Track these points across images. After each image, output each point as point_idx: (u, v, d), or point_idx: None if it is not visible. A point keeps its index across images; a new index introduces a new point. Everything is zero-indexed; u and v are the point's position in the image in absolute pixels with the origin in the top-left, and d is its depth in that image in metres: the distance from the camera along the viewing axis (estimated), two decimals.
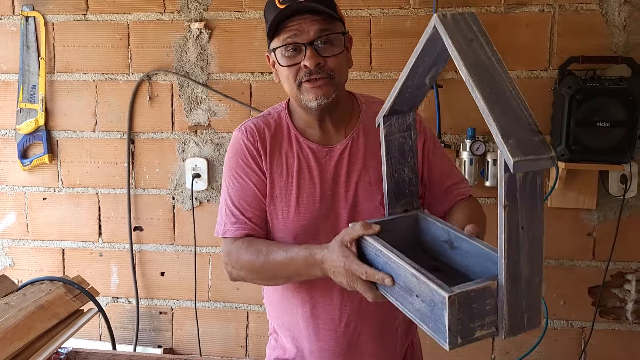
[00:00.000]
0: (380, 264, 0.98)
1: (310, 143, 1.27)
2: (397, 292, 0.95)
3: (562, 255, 2.09)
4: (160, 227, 2.30)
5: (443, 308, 0.81)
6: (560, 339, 2.12)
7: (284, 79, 1.22)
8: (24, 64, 2.30)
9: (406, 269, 0.90)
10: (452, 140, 2.09)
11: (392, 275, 0.95)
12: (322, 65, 1.17)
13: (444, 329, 0.82)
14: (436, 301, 0.83)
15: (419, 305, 0.88)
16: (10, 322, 1.40)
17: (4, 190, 2.39)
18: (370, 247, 1.01)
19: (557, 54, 2.02)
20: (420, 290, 0.87)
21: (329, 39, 1.18)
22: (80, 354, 1.49)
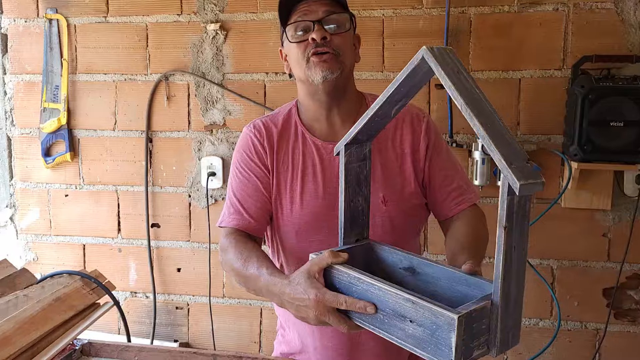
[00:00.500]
0: (357, 292, 0.95)
1: (315, 139, 1.31)
2: (379, 319, 0.93)
3: (576, 256, 2.08)
4: (176, 224, 2.35)
5: (450, 330, 0.81)
6: (574, 340, 2.11)
7: (294, 61, 1.28)
8: (47, 65, 2.37)
9: (397, 295, 0.89)
10: (465, 140, 2.09)
11: (374, 302, 0.92)
12: (328, 40, 1.23)
13: (449, 351, 0.82)
14: (440, 323, 0.83)
15: (413, 330, 0.87)
16: (28, 313, 1.46)
17: (28, 187, 2.47)
18: (342, 276, 0.98)
19: (571, 53, 2.00)
20: (416, 314, 0.86)
21: (336, 19, 1.25)
22: (95, 345, 1.54)
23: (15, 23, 2.40)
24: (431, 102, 2.11)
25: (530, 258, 2.06)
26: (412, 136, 1.32)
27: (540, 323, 2.12)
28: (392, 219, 1.28)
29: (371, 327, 0.95)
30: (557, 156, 2.03)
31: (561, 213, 2.05)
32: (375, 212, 1.26)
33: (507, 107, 2.06)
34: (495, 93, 2.06)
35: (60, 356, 1.44)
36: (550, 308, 2.11)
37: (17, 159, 2.47)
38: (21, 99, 2.43)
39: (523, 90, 2.05)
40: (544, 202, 2.04)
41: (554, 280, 2.10)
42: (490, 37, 2.05)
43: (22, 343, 1.37)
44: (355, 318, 0.97)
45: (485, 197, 2.10)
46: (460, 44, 2.07)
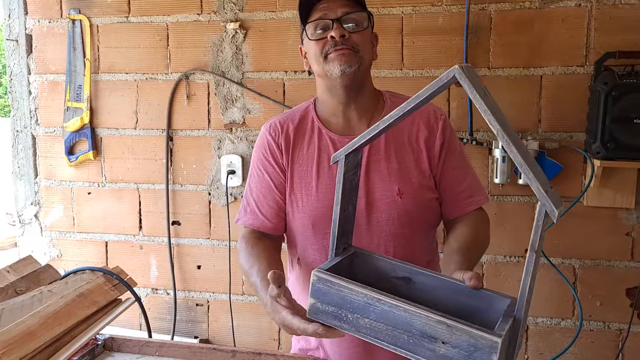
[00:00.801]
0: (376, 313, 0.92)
1: (331, 133, 1.33)
2: (403, 340, 0.91)
3: (598, 256, 2.05)
4: (197, 221, 2.38)
5: (492, 352, 0.82)
6: (596, 340, 2.08)
7: (313, 58, 1.30)
8: (70, 65, 2.41)
9: (428, 317, 0.87)
10: (485, 138, 2.08)
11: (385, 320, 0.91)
12: (346, 38, 1.25)
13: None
14: (480, 346, 0.83)
15: (445, 351, 0.87)
16: (52, 309, 1.48)
17: (52, 185, 2.52)
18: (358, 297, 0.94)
19: (594, 49, 1.97)
20: (451, 337, 0.86)
21: (354, 18, 1.28)
22: (116, 340, 1.56)
23: (39, 24, 2.44)
24: (450, 99, 2.10)
25: (551, 257, 2.04)
26: (428, 132, 1.33)
27: (562, 323, 2.10)
28: (407, 212, 1.29)
29: (392, 346, 0.93)
30: (579, 154, 2.00)
31: (583, 212, 2.02)
32: (392, 205, 1.27)
33: (528, 104, 2.04)
34: (516, 90, 2.04)
35: (83, 351, 1.46)
36: (572, 308, 2.08)
37: (42, 158, 2.52)
38: (45, 98, 2.48)
39: (544, 87, 2.03)
40: (566, 200, 2.02)
41: (576, 279, 2.07)
42: (511, 34, 2.03)
43: (46, 338, 1.40)
44: (370, 338, 0.95)
45: (505, 195, 2.08)
46: (480, 41, 2.05)
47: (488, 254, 2.11)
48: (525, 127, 2.04)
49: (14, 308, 1.46)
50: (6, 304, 1.47)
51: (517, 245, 2.09)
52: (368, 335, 0.95)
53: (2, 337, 1.31)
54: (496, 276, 2.12)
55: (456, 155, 1.36)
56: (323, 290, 0.97)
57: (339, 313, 0.97)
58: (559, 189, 2.04)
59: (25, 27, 2.46)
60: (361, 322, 0.95)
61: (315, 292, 0.99)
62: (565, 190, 2.03)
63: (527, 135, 2.02)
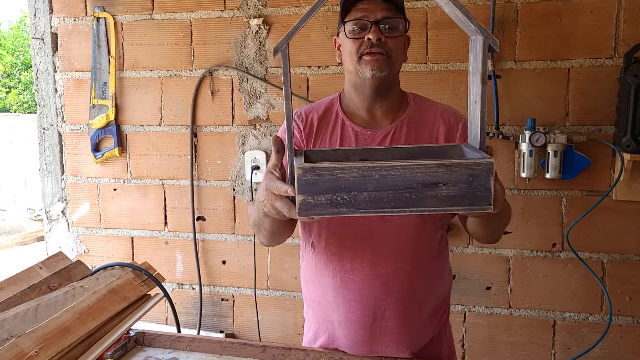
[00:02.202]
0: (373, 182, 0.94)
1: (354, 126, 1.37)
2: (405, 199, 0.95)
3: (627, 250, 2.02)
4: (221, 217, 2.39)
5: (489, 174, 0.93)
6: (625, 335, 2.05)
7: (347, 54, 1.33)
8: (95, 62, 2.44)
9: (427, 165, 0.93)
10: (511, 132, 2.06)
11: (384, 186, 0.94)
12: (382, 42, 1.28)
13: (487, 193, 0.94)
14: (478, 172, 0.93)
15: (447, 192, 0.94)
16: (85, 304, 1.51)
17: (79, 181, 2.55)
18: (351, 174, 0.95)
19: (623, 41, 1.94)
20: (451, 176, 0.94)
21: (392, 23, 1.30)
22: (148, 335, 1.58)
23: (64, 22, 2.47)
24: None
25: (579, 252, 2.02)
26: (448, 131, 1.37)
27: (590, 318, 2.08)
28: None
29: (395, 210, 0.96)
30: (608, 147, 1.97)
31: (613, 206, 1.99)
32: None
33: (555, 97, 2.01)
34: (543, 83, 2.02)
35: (116, 346, 1.49)
36: (601, 303, 2.06)
37: (68, 154, 2.55)
38: (71, 95, 2.51)
39: (572, 79, 2.00)
40: (595, 194, 2.00)
41: (605, 274, 2.05)
42: (538, 26, 2.00)
43: (81, 333, 1.42)
44: (373, 210, 0.96)
45: (532, 189, 2.07)
46: (507, 34, 2.03)
47: (514, 248, 2.10)
48: (552, 121, 2.02)
49: (49, 304, 1.49)
50: (41, 299, 1.50)
51: (544, 239, 2.07)
52: (369, 209, 0.96)
53: (39, 332, 1.34)
54: (522, 271, 2.11)
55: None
56: (312, 181, 0.95)
57: (334, 198, 0.96)
58: (587, 182, 2.01)
59: (51, 26, 2.49)
60: (360, 197, 0.95)
61: (303, 186, 0.96)
62: (593, 184, 2.01)
63: (554, 128, 2.00)
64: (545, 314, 2.11)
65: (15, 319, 1.39)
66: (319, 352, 1.45)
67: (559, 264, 2.08)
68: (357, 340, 1.39)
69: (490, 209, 0.95)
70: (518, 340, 2.14)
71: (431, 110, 1.39)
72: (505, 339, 2.15)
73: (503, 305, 2.14)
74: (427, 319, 1.42)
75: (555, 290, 2.09)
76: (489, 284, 2.15)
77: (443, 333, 1.48)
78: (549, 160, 1.98)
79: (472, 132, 1.05)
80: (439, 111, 1.39)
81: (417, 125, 1.36)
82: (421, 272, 1.36)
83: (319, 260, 1.40)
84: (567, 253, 2.05)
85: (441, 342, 1.47)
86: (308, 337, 1.53)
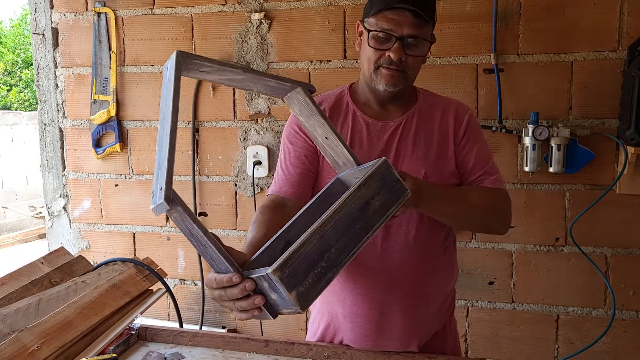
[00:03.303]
0: (331, 236, 0.95)
1: (365, 117, 1.38)
2: (352, 236, 0.97)
3: (631, 244, 2.01)
4: (223, 212, 2.39)
5: (390, 168, 1.05)
6: (629, 330, 2.05)
7: (365, 58, 1.33)
8: (96, 58, 2.43)
9: (351, 195, 0.98)
10: (514, 126, 2.05)
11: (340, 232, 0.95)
12: (402, 60, 1.28)
13: (399, 183, 1.05)
14: (383, 171, 1.03)
15: (378, 202, 1.01)
16: (87, 299, 1.50)
17: (80, 177, 2.55)
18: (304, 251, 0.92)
19: (627, 33, 1.93)
20: (370, 189, 1.01)
21: (417, 42, 1.28)
22: (150, 330, 1.57)
23: (65, 17, 2.46)
24: (479, 87, 2.07)
25: (583, 246, 2.01)
26: (455, 123, 1.38)
27: (594, 312, 2.07)
28: None
29: (360, 244, 0.98)
30: (611, 141, 1.96)
31: (616, 199, 1.99)
32: None
33: (559, 91, 2.00)
34: (546, 76, 2.00)
35: (118, 341, 1.48)
36: (604, 297, 2.05)
37: (69, 150, 2.54)
38: (72, 91, 2.50)
39: (575, 73, 1.99)
40: (599, 188, 1.99)
41: (608, 268, 2.04)
42: (540, 19, 1.99)
43: (83, 328, 1.42)
44: (346, 255, 0.96)
45: (535, 183, 2.06)
46: (509, 27, 2.01)
47: (517, 243, 2.09)
48: (556, 114, 2.00)
49: (51, 299, 1.48)
50: (43, 294, 1.49)
51: (547, 234, 2.07)
52: (345, 257, 0.96)
53: (41, 327, 1.33)
54: (526, 265, 2.10)
55: (479, 145, 1.40)
56: (291, 273, 0.90)
57: (317, 272, 0.93)
58: (590, 176, 2.00)
59: (51, 21, 2.48)
60: (332, 256, 0.95)
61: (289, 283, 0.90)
62: (597, 178, 2.00)
63: (558, 122, 1.99)
64: (548, 308, 2.11)
65: (17, 313, 1.38)
66: (322, 347, 1.44)
67: (562, 259, 2.07)
68: (363, 335, 1.39)
69: (408, 192, 1.05)
70: (521, 335, 2.13)
71: (439, 104, 1.41)
72: (508, 333, 2.14)
73: (506, 300, 2.13)
74: (433, 313, 1.42)
75: (558, 284, 2.08)
76: (492, 279, 2.14)
77: (448, 327, 1.48)
78: (552, 154, 1.97)
79: (341, 161, 1.15)
80: (446, 104, 1.41)
81: (427, 117, 1.38)
82: (428, 266, 1.36)
83: None
84: (571, 247, 2.04)
85: (446, 336, 1.47)
86: (312, 330, 1.54)
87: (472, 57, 2.06)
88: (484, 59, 2.05)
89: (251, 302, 0.91)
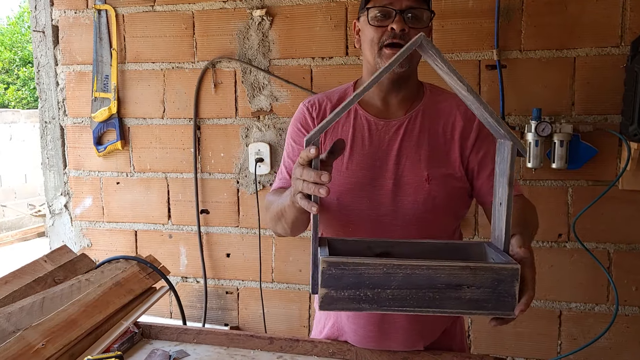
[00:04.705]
0: (397, 280, 0.94)
1: (368, 115, 1.35)
2: (428, 299, 0.94)
3: (634, 240, 2.01)
4: (225, 210, 2.38)
5: (514, 279, 0.92)
6: (631, 326, 2.05)
7: (367, 42, 1.30)
8: (97, 55, 2.42)
9: (452, 267, 0.93)
10: (517, 122, 2.04)
11: (408, 285, 0.93)
12: (405, 32, 1.24)
13: (511, 299, 0.93)
14: (504, 277, 0.92)
15: (471, 295, 0.93)
16: (91, 297, 1.50)
17: (81, 175, 2.54)
18: (375, 271, 0.94)
19: (629, 29, 1.93)
20: (475, 279, 0.92)
21: (418, 14, 1.26)
22: (154, 327, 1.57)
23: (65, 14, 2.45)
24: (481, 83, 2.07)
25: (585, 242, 2.01)
26: (464, 124, 1.33)
27: (596, 308, 2.07)
28: (434, 198, 1.30)
29: (417, 309, 0.95)
30: (614, 137, 1.96)
31: (619, 195, 1.99)
32: (419, 190, 1.29)
33: (561, 87, 2.00)
34: (548, 72, 2.00)
35: (123, 339, 1.48)
36: (607, 293, 2.05)
37: (70, 148, 2.54)
38: (73, 89, 2.49)
39: (578, 68, 1.99)
40: (601, 184, 1.99)
41: (611, 264, 2.04)
42: (543, 15, 1.99)
43: (87, 325, 1.41)
44: (394, 309, 0.95)
45: (537, 179, 2.06)
46: (512, 23, 2.01)
47: None
48: (558, 110, 2.00)
49: (55, 297, 1.48)
50: (47, 292, 1.49)
51: (550, 230, 2.07)
52: (392, 307, 0.95)
53: (46, 325, 1.33)
54: None
55: (493, 149, 1.34)
56: (336, 275, 0.95)
57: (357, 294, 0.95)
58: (593, 172, 2.00)
59: (52, 18, 2.47)
60: (383, 295, 0.95)
61: (327, 280, 0.95)
62: (600, 173, 2.00)
63: (560, 118, 1.98)
64: (551, 304, 2.11)
65: (21, 312, 1.38)
66: (327, 344, 1.44)
67: (565, 255, 2.07)
68: (366, 336, 1.38)
69: (513, 315, 0.93)
70: (524, 331, 2.14)
71: (447, 102, 1.35)
72: (511, 329, 2.14)
73: None
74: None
75: (561, 280, 2.08)
76: None
77: (455, 326, 1.47)
78: (554, 150, 1.97)
79: (496, 233, 1.03)
80: (455, 103, 1.34)
81: (432, 116, 1.33)
82: None
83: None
84: (573, 243, 2.05)
85: (454, 334, 1.46)
86: (318, 328, 1.53)
87: (474, 53, 2.06)
88: (486, 55, 2.05)
89: (317, 176, 0.97)
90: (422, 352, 1.39)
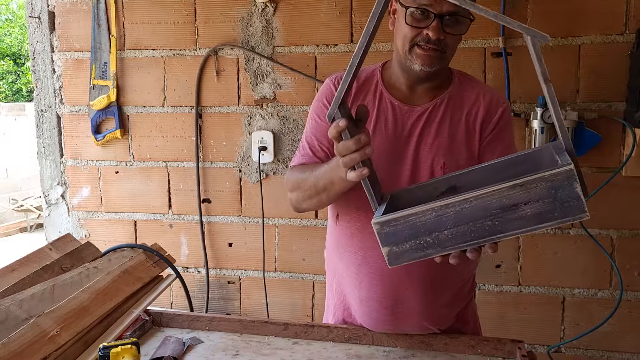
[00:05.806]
0: (450, 219, 0.94)
1: (392, 99, 1.34)
2: (488, 227, 0.92)
3: (637, 226, 2.03)
4: (227, 199, 2.36)
5: (572, 181, 0.86)
6: (634, 311, 2.07)
7: (400, 36, 1.26)
8: (95, 42, 2.37)
9: (500, 190, 0.90)
10: (522, 109, 2.05)
11: (463, 220, 0.93)
12: (441, 40, 1.21)
13: (577, 201, 0.87)
14: (559, 184, 0.87)
15: (531, 210, 0.89)
16: (101, 284, 1.48)
17: (79, 164, 2.50)
18: (426, 217, 0.95)
19: (634, 17, 1.94)
20: (529, 194, 0.89)
21: (457, 19, 1.22)
22: (165, 315, 1.56)
23: (62, 0, 2.40)
24: (487, 71, 2.07)
25: (589, 228, 2.02)
26: (485, 115, 1.32)
27: (599, 294, 2.09)
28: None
29: (482, 240, 0.94)
30: (618, 124, 1.98)
31: (623, 182, 2.00)
32: (434, 177, 1.27)
33: (566, 74, 2.01)
34: (554, 60, 2.01)
35: (134, 326, 1.46)
36: (610, 279, 2.07)
37: (67, 137, 2.49)
38: (70, 76, 2.45)
39: (583, 56, 2.00)
40: (605, 171, 2.00)
41: (614, 250, 2.06)
42: (549, 2, 1.99)
43: (99, 313, 1.39)
44: (459, 246, 0.95)
45: None
46: (518, 10, 2.01)
47: None
48: (563, 98, 2.01)
49: (64, 284, 1.45)
50: (56, 280, 1.46)
51: None
52: (455, 245, 0.96)
53: (59, 312, 1.30)
54: (532, 248, 2.11)
55: (503, 145, 1.34)
56: (391, 232, 0.98)
57: (418, 243, 0.97)
58: (597, 159, 2.02)
59: (48, 4, 2.41)
60: (441, 237, 0.96)
61: (385, 239, 0.99)
62: (604, 160, 2.01)
63: (565, 105, 1.99)
64: (554, 290, 2.12)
65: (33, 298, 1.35)
66: (343, 329, 1.44)
67: (568, 241, 2.08)
68: (378, 320, 1.38)
69: (586, 216, 0.89)
70: (528, 317, 2.15)
71: (473, 90, 1.34)
72: (515, 316, 2.16)
73: (513, 282, 2.15)
74: (450, 299, 1.41)
75: (564, 266, 2.10)
76: (498, 262, 2.15)
77: (468, 311, 1.47)
78: None
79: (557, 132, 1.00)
80: (481, 92, 1.34)
81: (456, 104, 1.32)
82: None
83: (343, 234, 1.39)
84: (577, 230, 2.06)
85: (466, 320, 1.46)
86: (330, 311, 1.53)
87: (480, 41, 2.06)
88: (492, 42, 2.05)
89: (356, 143, 1.01)
90: (439, 334, 1.39)
